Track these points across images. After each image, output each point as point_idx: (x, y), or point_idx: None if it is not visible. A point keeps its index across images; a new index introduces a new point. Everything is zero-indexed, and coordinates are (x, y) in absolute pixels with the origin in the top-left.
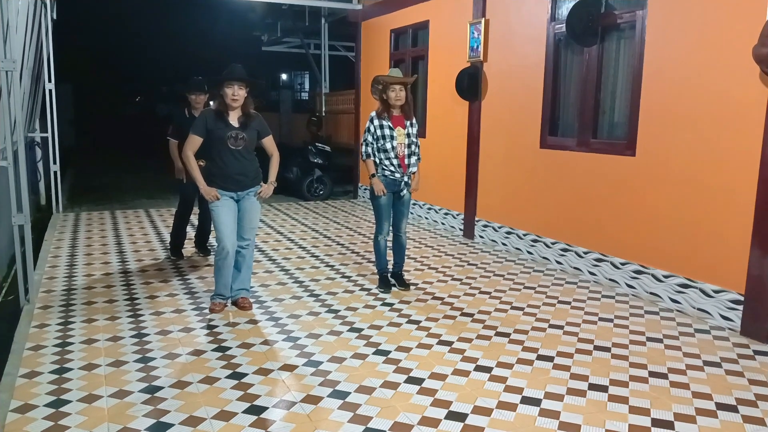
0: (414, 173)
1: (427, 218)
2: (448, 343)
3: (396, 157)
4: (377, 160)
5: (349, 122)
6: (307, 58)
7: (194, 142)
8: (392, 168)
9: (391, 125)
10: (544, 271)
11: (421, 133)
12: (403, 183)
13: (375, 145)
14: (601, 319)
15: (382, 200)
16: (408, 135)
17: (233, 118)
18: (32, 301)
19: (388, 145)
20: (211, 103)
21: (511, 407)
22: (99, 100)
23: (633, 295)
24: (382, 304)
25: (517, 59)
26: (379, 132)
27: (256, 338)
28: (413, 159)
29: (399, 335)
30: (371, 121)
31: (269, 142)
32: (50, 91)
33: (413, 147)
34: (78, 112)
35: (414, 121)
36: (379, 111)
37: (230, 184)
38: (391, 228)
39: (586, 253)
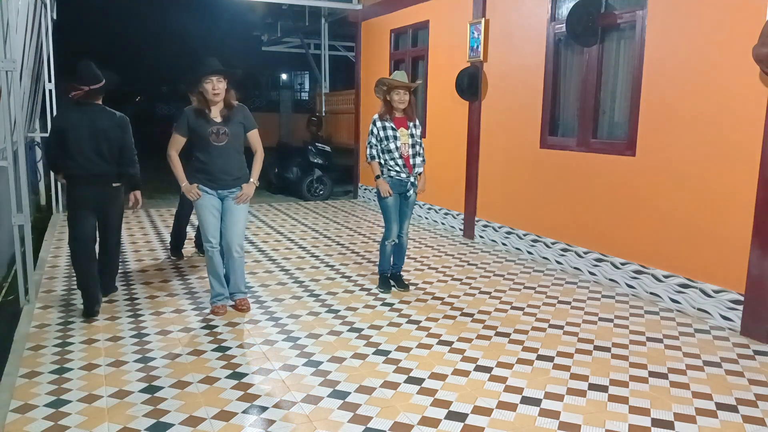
0: (420, 174)
1: (427, 218)
2: (448, 343)
3: (401, 157)
4: (382, 162)
5: (349, 122)
6: (307, 58)
7: (177, 141)
8: (398, 168)
9: (393, 126)
10: (544, 271)
11: (422, 133)
12: (409, 183)
13: (379, 147)
14: (601, 319)
15: (389, 201)
16: (411, 135)
17: (215, 113)
18: (32, 301)
19: (392, 146)
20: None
21: (511, 407)
22: None
23: (633, 295)
24: (382, 304)
25: (517, 59)
26: (382, 133)
27: (256, 338)
28: (418, 160)
29: (399, 335)
30: (374, 123)
31: (254, 137)
32: (50, 91)
33: (417, 148)
34: None
35: (417, 122)
36: (382, 113)
37: (212, 182)
38: None
39: (586, 253)
